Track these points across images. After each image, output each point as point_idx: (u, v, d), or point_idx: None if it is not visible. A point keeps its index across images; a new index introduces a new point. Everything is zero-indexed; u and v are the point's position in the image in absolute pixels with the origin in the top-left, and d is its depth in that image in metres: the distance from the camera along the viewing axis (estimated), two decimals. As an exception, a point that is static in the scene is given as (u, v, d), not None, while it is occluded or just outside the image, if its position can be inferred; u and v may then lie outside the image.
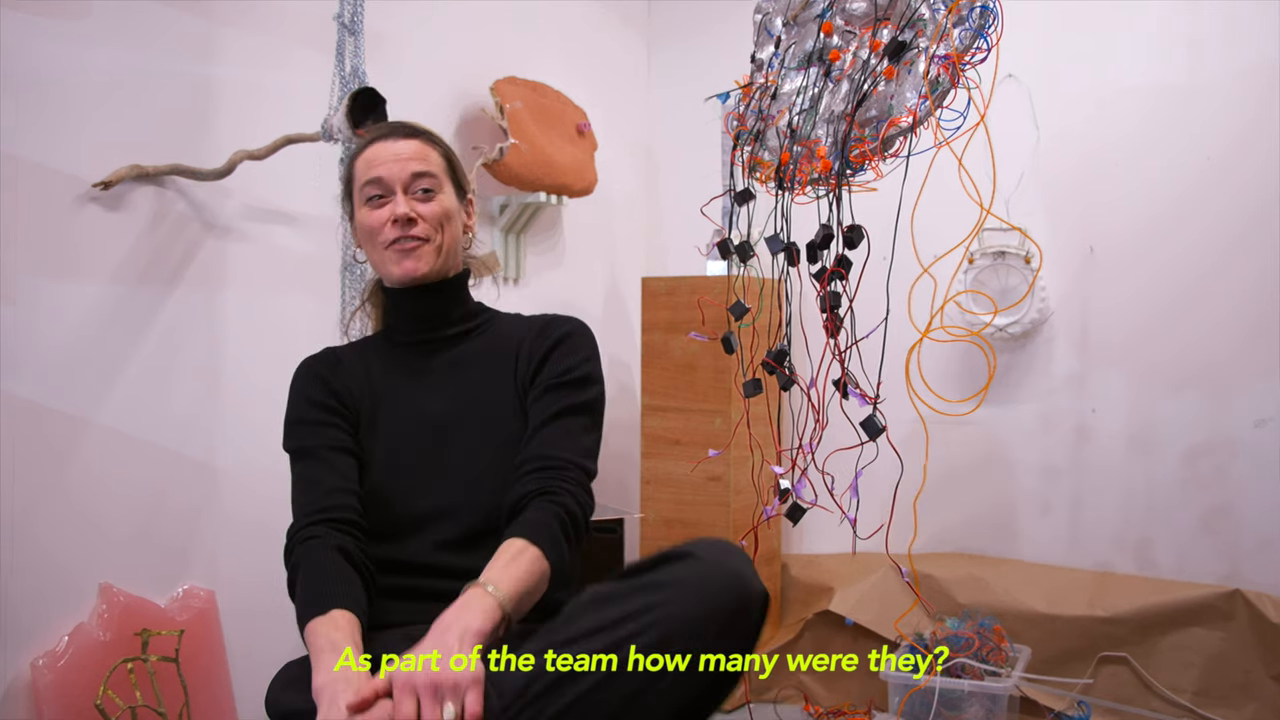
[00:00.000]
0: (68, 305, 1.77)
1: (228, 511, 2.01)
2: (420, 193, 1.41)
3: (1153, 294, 2.55)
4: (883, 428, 1.24)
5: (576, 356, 1.42)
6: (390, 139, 1.43)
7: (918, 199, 1.21)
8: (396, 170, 1.39)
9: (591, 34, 3.10)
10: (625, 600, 1.07)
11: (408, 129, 1.46)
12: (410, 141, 1.43)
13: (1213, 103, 2.47)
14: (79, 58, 1.77)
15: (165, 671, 1.81)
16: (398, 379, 1.45)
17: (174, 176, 1.90)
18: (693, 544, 1.13)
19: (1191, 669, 2.36)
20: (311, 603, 1.19)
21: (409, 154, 1.41)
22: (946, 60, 1.17)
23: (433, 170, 1.42)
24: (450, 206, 1.43)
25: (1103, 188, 2.60)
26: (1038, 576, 2.59)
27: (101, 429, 1.82)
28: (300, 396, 1.43)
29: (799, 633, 2.68)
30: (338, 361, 1.47)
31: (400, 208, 1.38)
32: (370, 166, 1.41)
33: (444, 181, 1.44)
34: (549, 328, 1.45)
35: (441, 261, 1.42)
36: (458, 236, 1.46)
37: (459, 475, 1.37)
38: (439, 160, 1.44)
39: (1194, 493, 2.50)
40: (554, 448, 1.33)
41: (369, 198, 1.41)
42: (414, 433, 1.40)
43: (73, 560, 1.78)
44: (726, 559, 1.11)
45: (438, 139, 1.48)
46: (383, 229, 1.40)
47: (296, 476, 1.37)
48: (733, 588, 1.09)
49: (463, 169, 1.50)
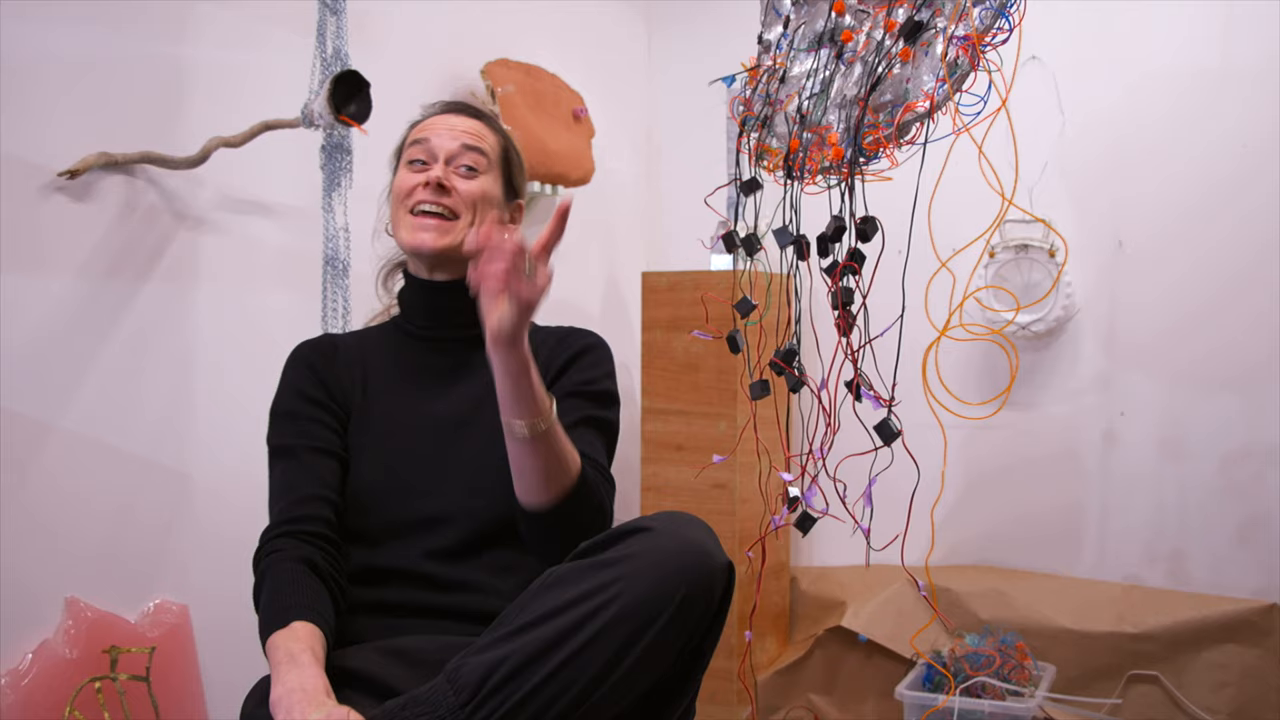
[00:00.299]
0: (30, 301, 1.77)
1: (201, 521, 2.01)
2: (464, 169, 1.41)
3: (1186, 290, 2.55)
4: (898, 432, 1.24)
5: (598, 370, 1.44)
6: (453, 113, 1.46)
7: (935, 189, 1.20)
8: (446, 140, 1.41)
9: (588, 13, 3.10)
10: (581, 579, 1.07)
11: (474, 110, 1.48)
12: (472, 120, 1.45)
13: (1249, 87, 2.47)
14: (43, 39, 1.77)
15: (135, 691, 1.81)
16: (399, 374, 1.44)
17: (144, 165, 1.90)
18: (650, 517, 1.14)
19: (1226, 688, 2.36)
20: (272, 616, 1.19)
21: (465, 128, 1.43)
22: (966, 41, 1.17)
23: (484, 149, 1.42)
24: (491, 192, 1.43)
25: (1132, 177, 2.60)
26: (1063, 590, 2.59)
27: (66, 433, 1.82)
28: (289, 387, 1.42)
29: (809, 650, 2.68)
30: (334, 350, 1.46)
31: (434, 172, 1.39)
32: (421, 131, 1.44)
33: (493, 167, 1.44)
34: (570, 338, 1.47)
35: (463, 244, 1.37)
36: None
37: (456, 481, 1.36)
38: (495, 145, 1.45)
39: (1229, 501, 2.50)
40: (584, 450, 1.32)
41: (411, 160, 1.42)
42: (410, 433, 1.39)
43: (36, 573, 1.78)
44: (685, 530, 1.12)
45: (502, 128, 1.49)
46: (414, 191, 1.40)
47: (274, 476, 1.37)
48: (693, 559, 1.09)
49: (522, 170, 1.51)
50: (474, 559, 1.32)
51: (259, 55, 2.09)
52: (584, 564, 1.10)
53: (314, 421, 1.38)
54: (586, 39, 3.09)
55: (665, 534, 1.10)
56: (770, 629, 2.78)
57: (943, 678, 2.34)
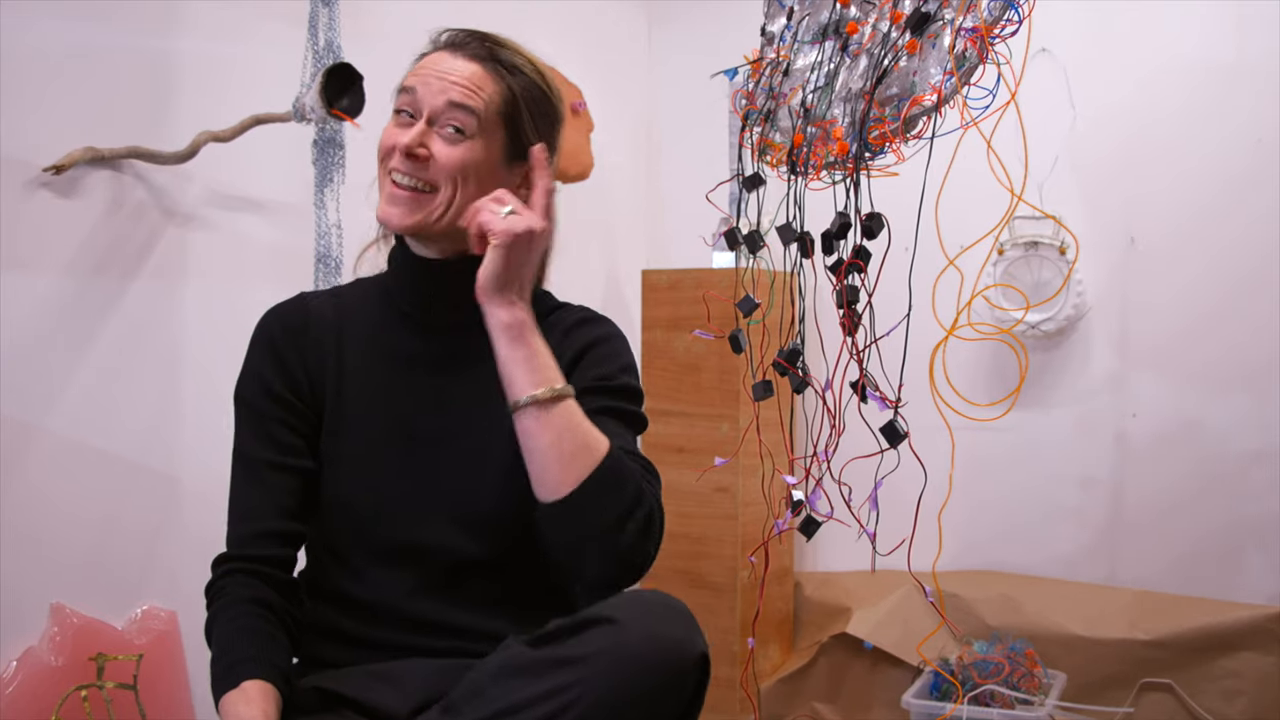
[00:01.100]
0: (14, 300, 1.77)
1: (190, 526, 2.01)
2: (449, 130, 1.21)
3: (1199, 288, 2.55)
4: (905, 434, 1.24)
5: (614, 364, 1.28)
6: (451, 52, 1.25)
7: (943, 184, 1.20)
8: (433, 91, 1.21)
9: (587, 4, 3.10)
10: (539, 678, 1.00)
11: (481, 48, 1.26)
12: (470, 65, 1.23)
13: (1263, 81, 2.47)
14: (27, 31, 1.77)
15: (123, 699, 1.81)
16: (379, 363, 1.29)
17: (132, 160, 1.90)
18: (617, 603, 1.05)
19: (1241, 696, 2.36)
20: (223, 676, 1.15)
21: (458, 77, 1.22)
22: (974, 33, 1.17)
23: (475, 107, 1.21)
24: (480, 160, 1.22)
25: (1144, 173, 2.60)
26: (1074, 596, 2.59)
27: (51, 435, 1.82)
28: (253, 373, 1.28)
29: (813, 658, 2.68)
30: (304, 327, 1.29)
31: (405, 137, 1.20)
32: (412, 75, 1.25)
33: (487, 127, 1.22)
34: (580, 330, 1.31)
35: (442, 224, 1.22)
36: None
37: (440, 509, 1.23)
38: (494, 98, 1.23)
39: (1244, 506, 2.50)
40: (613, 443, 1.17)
41: (398, 109, 1.25)
42: (389, 446, 1.25)
43: (21, 579, 1.78)
44: (652, 623, 1.02)
45: (517, 72, 1.26)
46: (391, 152, 1.22)
47: (234, 483, 1.28)
48: (659, 658, 1.00)
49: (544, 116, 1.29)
50: (458, 594, 1.23)
51: (249, 48, 2.09)
52: (544, 656, 1.02)
53: (278, 423, 1.26)
54: (585, 30, 3.09)
55: (630, 628, 1.00)
56: (773, 636, 2.78)
57: (950, 686, 2.34)
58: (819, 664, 2.68)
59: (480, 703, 1.02)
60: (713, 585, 2.68)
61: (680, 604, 1.07)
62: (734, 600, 2.65)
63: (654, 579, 2.75)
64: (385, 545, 1.24)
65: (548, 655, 1.02)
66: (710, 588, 2.68)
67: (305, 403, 1.27)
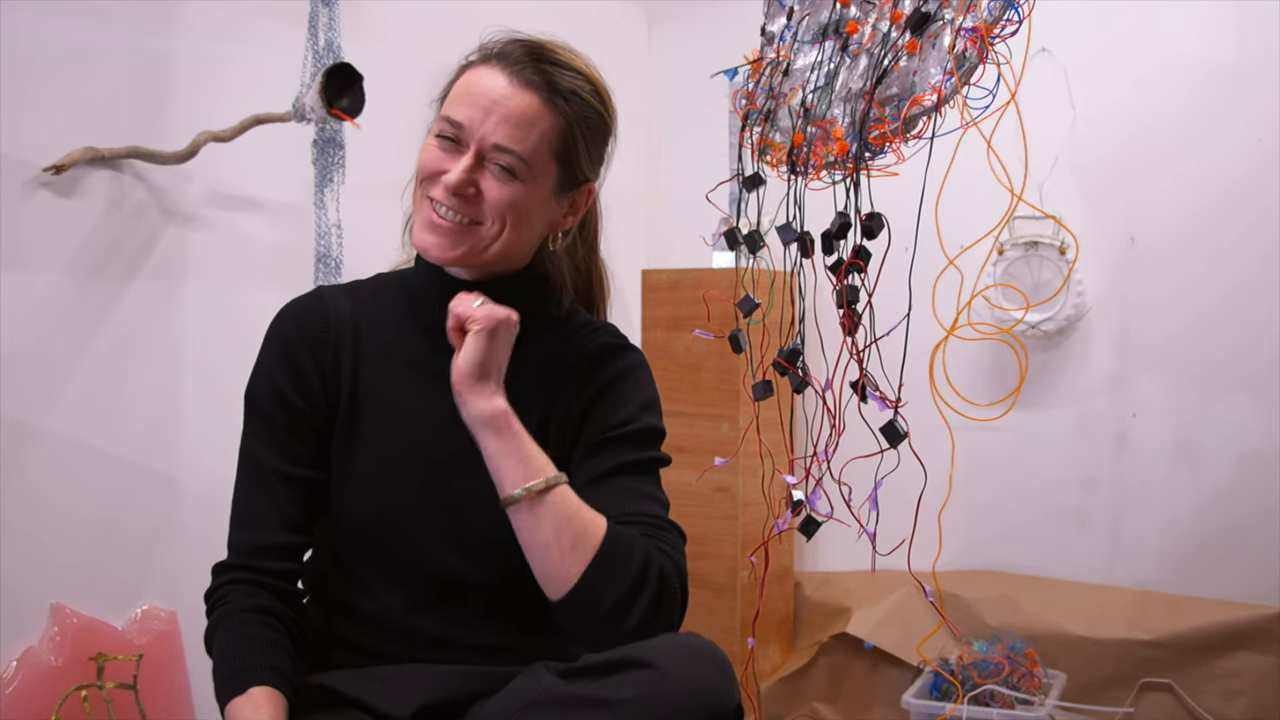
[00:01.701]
0: (15, 300, 1.77)
1: (190, 526, 2.01)
2: (498, 169, 1.16)
3: (1199, 289, 2.55)
4: (905, 434, 1.24)
5: (633, 404, 1.25)
6: (508, 73, 1.18)
7: (943, 184, 1.20)
8: (484, 125, 1.16)
9: (587, 4, 3.10)
10: (570, 715, 1.00)
11: (539, 74, 1.19)
12: (528, 94, 1.17)
13: (1264, 81, 2.47)
14: (27, 31, 1.77)
15: (123, 699, 1.81)
16: (398, 373, 1.26)
17: (132, 160, 1.90)
18: (656, 647, 1.03)
19: (1241, 697, 2.36)
20: (228, 682, 1.13)
21: (510, 111, 1.16)
22: (974, 33, 1.17)
23: (522, 150, 1.16)
24: (530, 200, 1.18)
25: (1144, 173, 2.60)
26: (1074, 596, 2.59)
27: (52, 435, 1.82)
28: (267, 377, 1.25)
29: (813, 658, 2.68)
30: (324, 328, 1.26)
31: (454, 174, 1.15)
32: (462, 97, 1.18)
33: (541, 168, 1.18)
34: (599, 364, 1.26)
35: (484, 257, 1.20)
36: (530, 236, 1.23)
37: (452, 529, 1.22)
38: (549, 135, 1.18)
39: (1244, 506, 2.50)
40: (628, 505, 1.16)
41: (441, 132, 1.19)
42: (405, 457, 1.24)
43: (21, 578, 1.78)
44: (691, 672, 1.01)
45: (576, 101, 1.20)
46: (435, 179, 1.17)
47: (239, 488, 1.26)
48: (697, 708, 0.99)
49: (593, 152, 1.25)
50: (461, 609, 1.23)
51: (249, 47, 2.09)
52: (578, 693, 1.01)
53: (289, 432, 1.23)
54: (584, 30, 3.07)
55: (669, 675, 0.99)
56: (773, 636, 2.78)
57: (950, 686, 2.34)
58: (819, 664, 2.68)
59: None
60: (713, 585, 2.68)
61: (718, 651, 1.06)
62: (734, 600, 2.65)
63: (654, 579, 2.75)
64: (390, 561, 1.24)
65: (582, 693, 1.01)
66: (710, 587, 2.68)
67: (318, 410, 1.25)
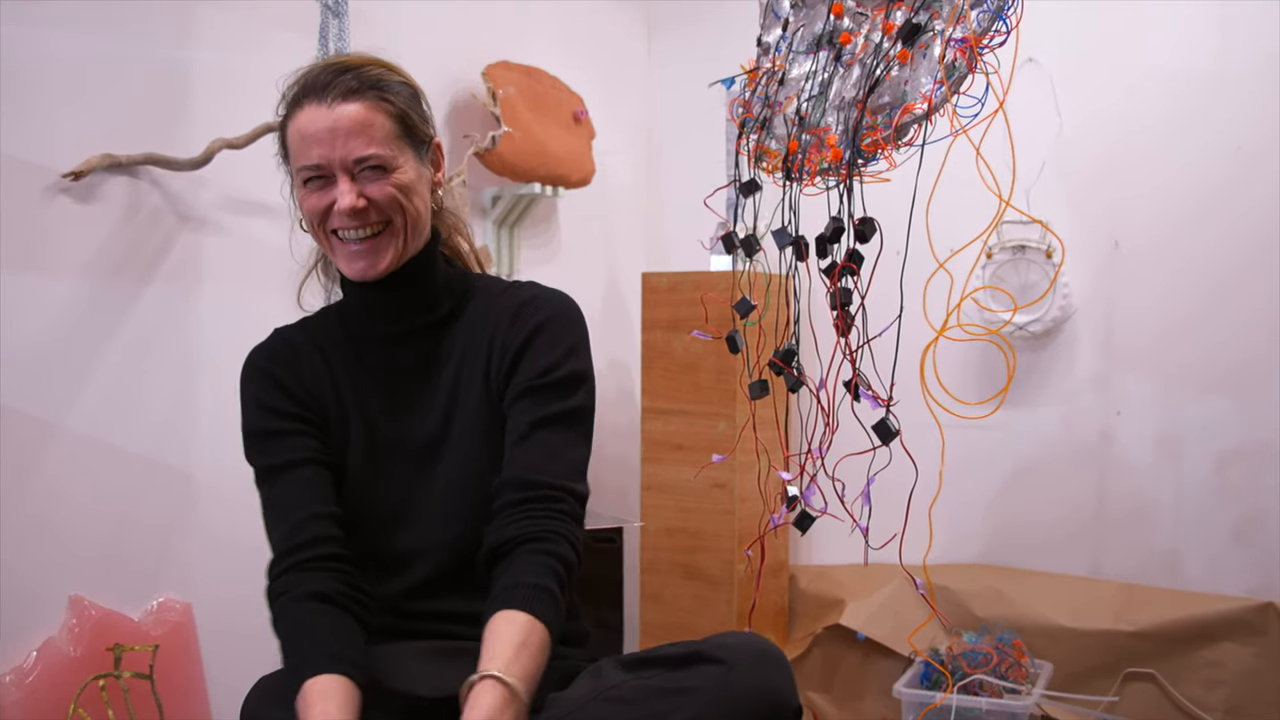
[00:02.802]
0: (35, 302, 1.77)
1: (204, 521, 2.01)
2: (367, 170, 1.21)
3: (1182, 290, 2.54)
4: (896, 431, 1.24)
5: (558, 350, 1.28)
6: (323, 102, 1.20)
7: (933, 190, 1.20)
8: (335, 152, 1.20)
9: (589, 16, 3.10)
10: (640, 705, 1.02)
11: (346, 86, 1.21)
12: (349, 105, 1.20)
13: (1244, 90, 2.47)
14: (46, 41, 1.77)
15: (139, 688, 1.81)
16: (366, 380, 1.31)
17: (148, 166, 1.90)
18: (728, 645, 1.07)
19: (1222, 686, 2.36)
20: (296, 672, 1.11)
21: (348, 127, 1.19)
22: (963, 43, 1.17)
23: (379, 148, 1.21)
24: (409, 179, 1.24)
25: (1128, 179, 2.60)
26: (1060, 588, 2.58)
27: (70, 433, 1.82)
28: (255, 404, 1.29)
29: (808, 648, 2.68)
30: (293, 356, 1.32)
31: (345, 199, 1.20)
32: (304, 144, 1.22)
33: (399, 150, 1.23)
34: (524, 311, 1.30)
35: (405, 244, 1.26)
36: (424, 206, 1.27)
37: (429, 510, 1.27)
38: (387, 124, 1.22)
39: (1225, 500, 2.49)
40: (537, 470, 1.21)
41: (305, 179, 1.24)
42: (381, 457, 1.28)
43: (41, 571, 1.77)
44: (760, 670, 1.05)
45: (387, 86, 1.24)
46: (328, 214, 1.23)
47: (265, 500, 1.27)
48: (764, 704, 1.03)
49: (422, 113, 1.29)
50: (453, 587, 1.25)
51: (261, 57, 2.09)
52: (646, 685, 1.04)
53: (293, 434, 1.27)
54: (587, 41, 3.09)
55: (740, 672, 1.03)
56: (769, 627, 2.78)
57: (940, 675, 2.34)
58: (813, 654, 2.68)
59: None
60: (710, 578, 2.68)
61: (783, 654, 1.10)
62: (731, 592, 2.65)
63: (655, 571, 2.75)
64: (378, 552, 1.26)
65: (652, 684, 1.04)
66: (708, 580, 2.68)
67: (313, 413, 1.29)
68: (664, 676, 1.04)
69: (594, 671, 1.10)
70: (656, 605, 2.76)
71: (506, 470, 1.23)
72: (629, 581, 2.77)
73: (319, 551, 1.20)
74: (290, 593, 1.18)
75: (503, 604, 1.12)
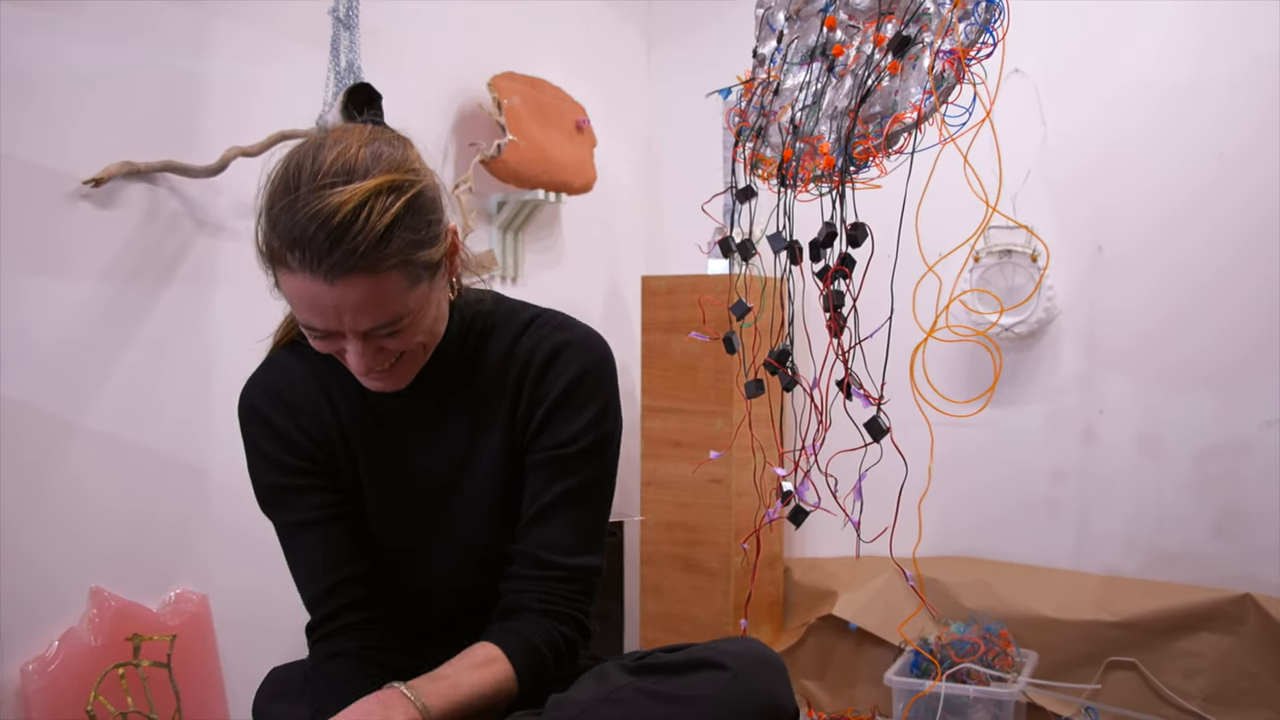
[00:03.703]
0: (57, 304, 1.77)
1: (219, 515, 2.01)
2: (384, 335, 1.06)
3: (1162, 294, 2.55)
4: (887, 429, 1.24)
5: (584, 417, 1.18)
6: (319, 278, 0.99)
7: (922, 196, 1.21)
8: (344, 323, 1.03)
9: (591, 28, 3.11)
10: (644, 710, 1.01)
11: (344, 263, 0.98)
12: (352, 282, 0.99)
13: (1224, 99, 2.47)
14: (68, 52, 1.77)
15: (157, 677, 1.81)
16: (375, 425, 1.22)
17: (166, 173, 1.90)
18: (731, 651, 1.06)
19: (1201, 674, 2.36)
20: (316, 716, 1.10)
21: (354, 305, 1.01)
22: (952, 55, 1.17)
23: (391, 313, 1.04)
24: (427, 314, 1.10)
25: (1111, 186, 2.60)
26: (1045, 580, 2.59)
27: (90, 431, 1.82)
28: (258, 455, 1.21)
29: (801, 638, 2.69)
30: (292, 395, 1.21)
31: (357, 361, 1.07)
32: (301, 306, 1.03)
33: (412, 298, 1.06)
34: (555, 365, 1.18)
35: (426, 356, 1.16)
36: (443, 315, 1.15)
37: (443, 558, 1.23)
38: (397, 285, 1.03)
39: (1204, 495, 2.50)
40: (554, 550, 1.16)
41: (311, 335, 1.08)
42: (398, 496, 1.22)
43: (63, 564, 1.78)
44: (760, 676, 1.04)
45: (388, 242, 1.00)
46: (341, 356, 1.10)
47: (286, 550, 1.22)
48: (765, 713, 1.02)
49: (431, 232, 1.07)
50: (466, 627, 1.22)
51: (275, 69, 2.10)
52: (650, 689, 1.02)
53: (302, 490, 1.20)
54: (590, 53, 3.09)
55: (741, 679, 1.02)
56: (765, 617, 2.78)
57: (930, 664, 2.35)
58: (807, 644, 2.69)
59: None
60: (708, 570, 2.68)
61: (780, 660, 1.10)
62: (728, 584, 2.65)
63: (655, 564, 2.75)
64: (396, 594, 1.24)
65: (656, 689, 1.03)
66: (705, 572, 2.69)
67: (320, 464, 1.21)
68: (669, 682, 1.03)
69: (598, 674, 1.08)
70: (656, 596, 2.76)
71: (523, 541, 1.19)
72: (629, 573, 2.77)
73: (343, 621, 1.18)
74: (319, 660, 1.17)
75: (491, 638, 1.13)
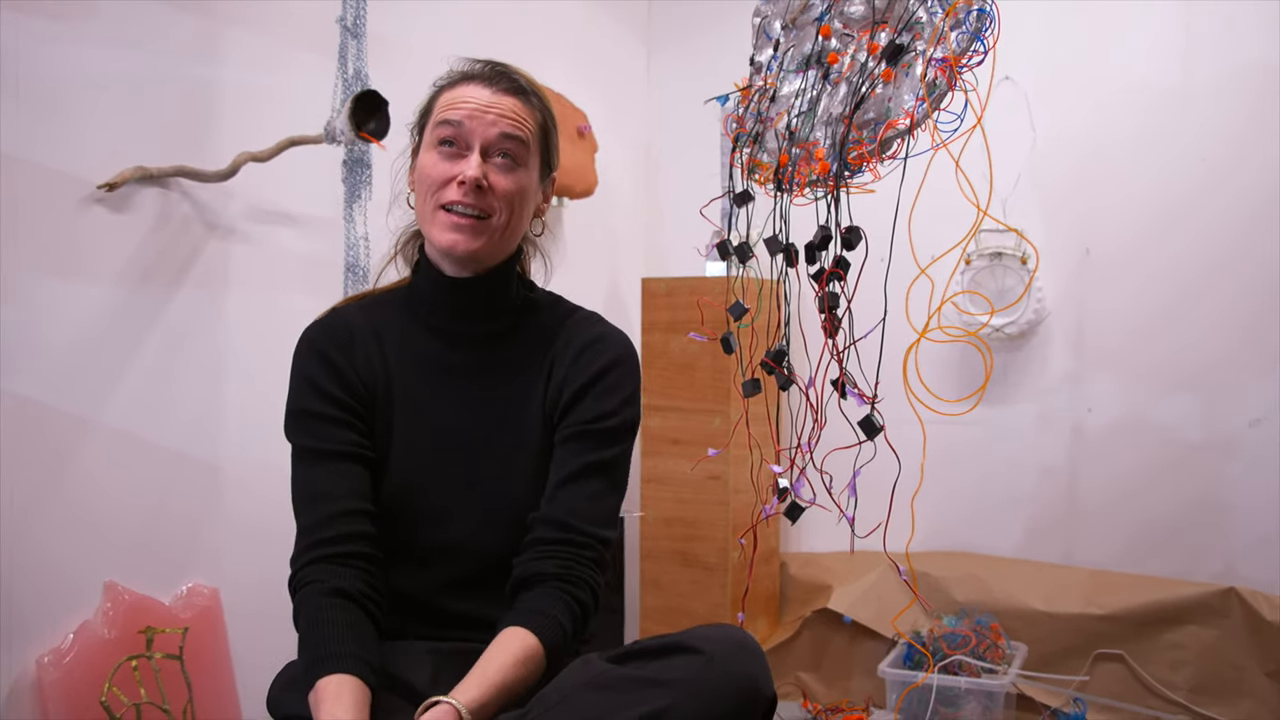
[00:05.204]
0: (71, 305, 1.77)
1: (231, 511, 2.01)
2: (501, 157, 1.20)
3: (1148, 295, 2.55)
4: (881, 427, 1.24)
5: (616, 398, 1.26)
6: (487, 85, 1.21)
7: (915, 201, 1.21)
8: (484, 125, 1.19)
9: (592, 36, 3.10)
10: (625, 693, 1.00)
11: (511, 82, 1.23)
12: (510, 97, 1.21)
13: (1209, 105, 2.47)
14: (82, 59, 1.77)
15: (169, 669, 1.81)
16: (418, 372, 1.26)
17: (178, 178, 1.90)
18: (704, 635, 1.06)
19: (1186, 666, 2.36)
20: (311, 668, 1.09)
21: (504, 109, 1.20)
22: (944, 63, 1.17)
23: (524, 138, 1.21)
24: (529, 185, 1.23)
25: (1099, 190, 2.60)
26: (1034, 574, 2.59)
27: (105, 429, 1.82)
28: (305, 383, 1.23)
29: (797, 631, 2.68)
30: (350, 337, 1.26)
31: (472, 169, 1.17)
32: (454, 105, 1.20)
33: (533, 154, 1.23)
34: (590, 351, 1.27)
35: (496, 246, 1.22)
36: (526, 221, 1.26)
37: (471, 509, 1.23)
38: (535, 126, 1.23)
39: (1189, 492, 2.50)
40: (576, 516, 1.19)
41: (441, 139, 1.20)
42: (428, 451, 1.24)
43: (77, 558, 1.78)
44: (737, 660, 1.03)
45: (540, 99, 1.25)
46: (446, 185, 1.19)
47: (299, 478, 1.22)
48: (740, 698, 1.01)
49: (558, 140, 1.29)
50: (484, 590, 1.22)
51: (284, 76, 2.09)
52: (629, 675, 1.02)
53: (337, 423, 1.21)
54: (591, 61, 3.09)
55: (718, 662, 1.01)
56: (761, 611, 2.78)
57: (922, 656, 2.34)
58: (803, 637, 2.68)
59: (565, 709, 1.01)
60: (705, 565, 2.68)
61: (758, 645, 1.09)
62: (725, 579, 2.65)
63: (654, 559, 2.75)
64: (416, 545, 1.23)
65: (635, 674, 1.02)
66: (703, 567, 2.68)
67: (361, 404, 1.24)
68: (647, 666, 1.03)
69: (582, 664, 1.08)
70: (656, 590, 2.76)
71: (547, 508, 1.21)
72: (630, 568, 2.77)
73: (347, 548, 1.16)
74: (313, 584, 1.14)
75: (517, 621, 1.13)
